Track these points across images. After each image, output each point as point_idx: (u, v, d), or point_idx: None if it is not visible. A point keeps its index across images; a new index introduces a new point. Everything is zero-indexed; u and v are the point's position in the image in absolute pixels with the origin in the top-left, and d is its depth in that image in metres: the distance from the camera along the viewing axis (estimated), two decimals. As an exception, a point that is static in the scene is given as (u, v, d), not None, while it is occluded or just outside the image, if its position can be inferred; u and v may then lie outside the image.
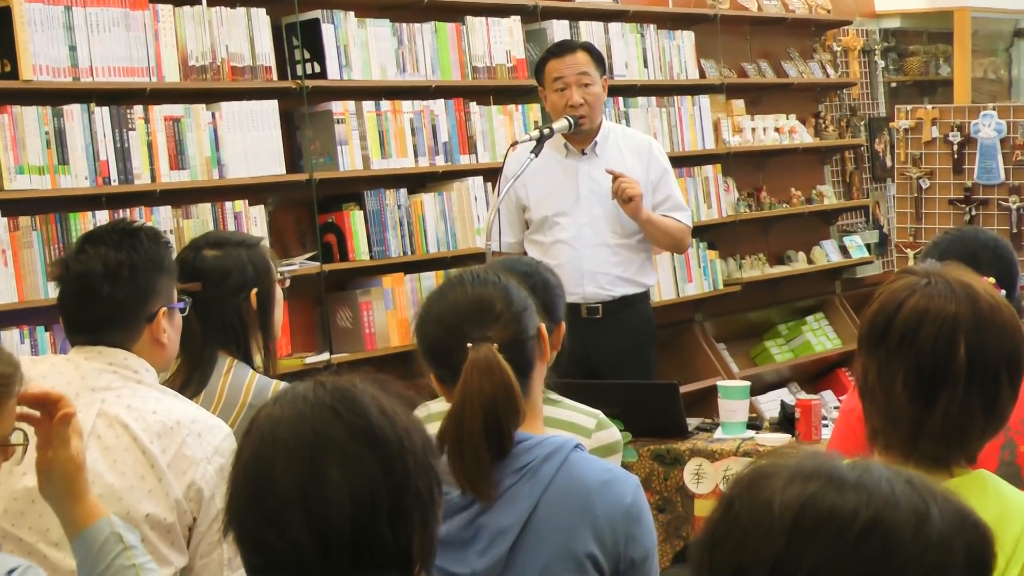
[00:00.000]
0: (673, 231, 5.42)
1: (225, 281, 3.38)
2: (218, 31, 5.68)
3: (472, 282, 2.47)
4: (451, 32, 6.56)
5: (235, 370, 3.36)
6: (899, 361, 2.19)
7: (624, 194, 5.24)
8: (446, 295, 2.47)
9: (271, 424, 1.77)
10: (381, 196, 6.19)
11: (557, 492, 2.35)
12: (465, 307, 2.43)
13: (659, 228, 5.38)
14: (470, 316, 2.41)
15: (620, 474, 2.45)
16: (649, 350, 5.51)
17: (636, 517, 2.39)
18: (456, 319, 2.42)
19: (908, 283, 2.22)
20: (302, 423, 1.75)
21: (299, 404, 1.77)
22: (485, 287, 2.46)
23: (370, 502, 1.72)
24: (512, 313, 2.44)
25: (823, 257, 8.61)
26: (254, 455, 1.77)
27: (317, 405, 1.76)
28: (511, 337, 2.41)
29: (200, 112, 5.60)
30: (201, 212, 5.55)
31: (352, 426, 1.75)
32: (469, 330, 2.39)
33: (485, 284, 2.47)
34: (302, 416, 1.76)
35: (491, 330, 2.40)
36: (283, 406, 1.78)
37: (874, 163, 9.27)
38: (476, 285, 2.46)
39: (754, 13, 8.33)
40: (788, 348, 8.38)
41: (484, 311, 2.42)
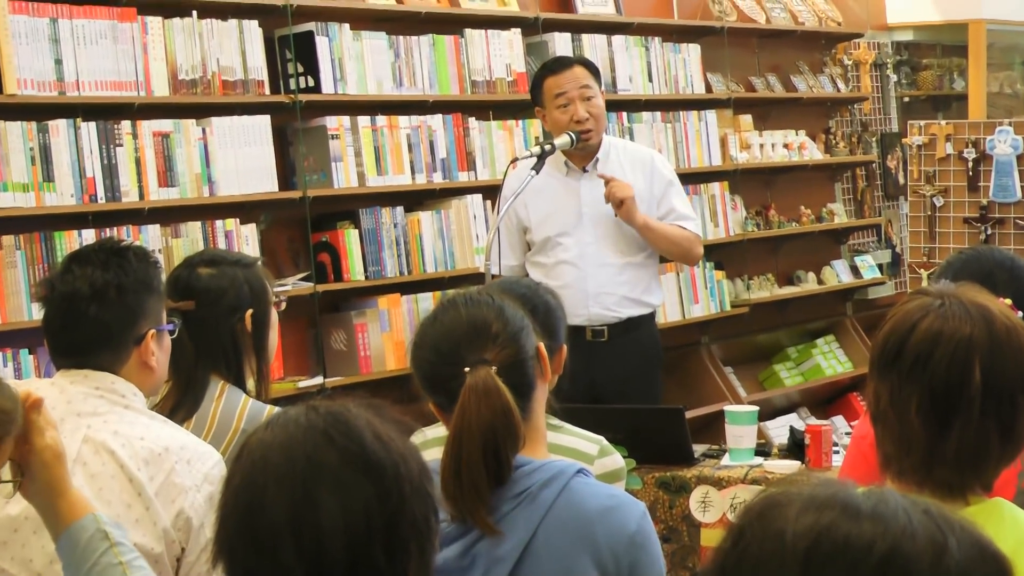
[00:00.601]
0: (677, 238, 5.41)
1: (220, 300, 3.38)
2: (209, 44, 5.69)
3: (465, 304, 2.47)
4: (449, 45, 6.57)
5: (227, 394, 3.36)
6: (912, 385, 2.19)
7: (614, 197, 5.25)
8: (439, 320, 2.47)
9: (262, 449, 1.76)
10: (377, 214, 6.20)
11: (557, 518, 2.35)
12: (460, 331, 2.43)
13: (660, 234, 5.37)
14: (465, 339, 2.41)
15: (625, 500, 2.44)
16: (655, 373, 5.51)
17: (641, 545, 2.38)
18: (451, 344, 2.41)
19: (921, 304, 2.23)
20: (294, 448, 1.74)
21: (291, 429, 1.77)
22: (479, 308, 2.46)
23: (365, 530, 1.72)
24: (509, 333, 2.43)
25: (834, 278, 8.61)
26: (244, 481, 1.76)
27: (310, 430, 1.76)
28: (509, 358, 2.41)
29: (190, 127, 5.61)
30: (191, 231, 5.56)
31: (346, 452, 1.74)
32: (465, 354, 2.39)
33: (479, 305, 2.47)
34: (294, 441, 1.75)
35: (488, 352, 2.40)
36: (274, 431, 1.78)
37: (886, 180, 9.28)
38: (470, 307, 2.46)
39: (762, 25, 8.35)
40: (798, 372, 8.38)
41: (479, 333, 2.42)
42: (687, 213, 5.48)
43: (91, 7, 5.38)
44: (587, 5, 7.37)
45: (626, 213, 5.26)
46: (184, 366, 3.29)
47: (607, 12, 7.46)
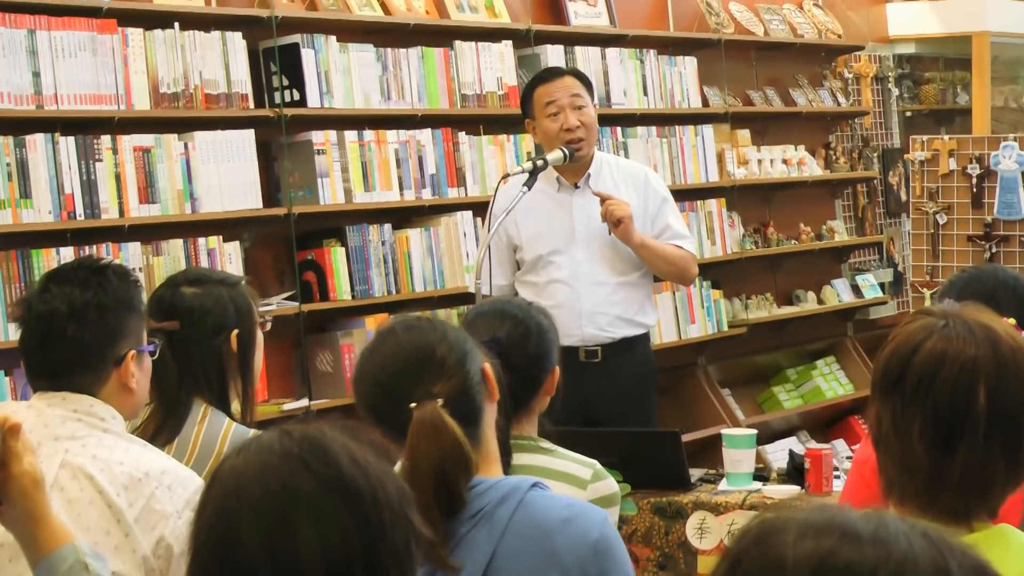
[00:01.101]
0: (674, 257, 5.42)
1: (204, 320, 3.38)
2: (191, 56, 5.70)
3: (406, 331, 2.45)
4: (439, 58, 6.58)
5: (211, 418, 3.35)
6: (915, 408, 2.19)
7: (612, 216, 5.25)
8: (379, 350, 2.45)
9: (235, 477, 1.74)
10: (364, 232, 6.20)
11: (515, 536, 2.35)
12: (402, 362, 2.41)
13: (657, 254, 5.38)
14: (408, 372, 2.40)
15: (584, 508, 2.45)
16: (651, 395, 5.51)
17: (605, 552, 2.39)
18: (393, 376, 2.40)
19: (925, 325, 2.23)
20: (269, 476, 1.72)
21: (264, 455, 1.74)
22: (421, 334, 2.44)
23: (344, 559, 1.70)
24: (455, 361, 2.42)
25: (834, 297, 8.62)
26: (218, 511, 1.73)
27: (284, 456, 1.73)
28: (457, 388, 2.40)
29: (172, 142, 5.61)
30: (172, 249, 5.55)
31: (322, 478, 1.72)
32: (410, 387, 2.37)
33: (421, 331, 2.44)
34: (268, 468, 1.73)
35: (434, 385, 2.38)
36: (247, 458, 1.75)
37: (888, 197, 9.30)
38: (411, 334, 2.44)
39: (760, 38, 8.37)
40: (797, 394, 8.38)
41: (423, 363, 2.41)
42: (682, 232, 5.49)
43: (70, 18, 5.38)
44: (580, 17, 7.39)
45: (623, 233, 5.26)
46: (166, 388, 3.29)
47: (601, 24, 7.48)
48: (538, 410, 3.26)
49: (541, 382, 3.23)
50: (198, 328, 3.37)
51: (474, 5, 6.89)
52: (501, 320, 3.21)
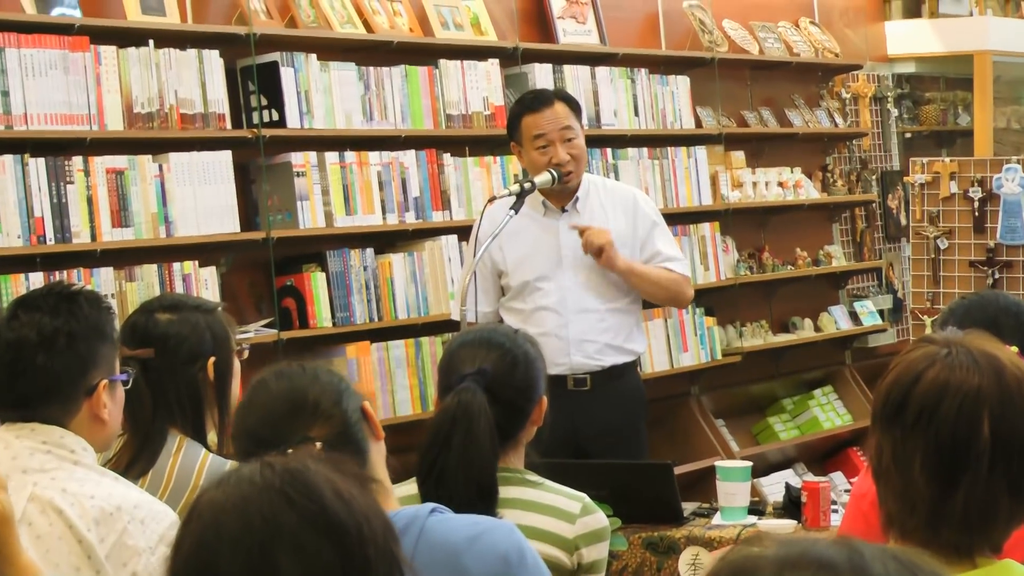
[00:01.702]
0: (664, 281, 5.42)
1: (179, 348, 3.38)
2: (166, 75, 5.70)
3: (276, 379, 2.46)
4: (423, 77, 6.59)
5: (186, 449, 3.35)
6: (917, 439, 2.19)
7: (592, 246, 5.26)
8: (252, 403, 2.46)
9: (214, 511, 1.72)
10: (345, 256, 6.20)
11: (422, 564, 2.34)
12: (276, 410, 2.42)
13: (645, 278, 5.38)
14: (282, 420, 2.40)
15: (489, 524, 2.45)
16: (641, 425, 5.51)
17: (518, 562, 2.40)
18: (269, 427, 2.40)
19: (927, 353, 2.23)
20: (249, 510, 1.71)
21: (245, 488, 1.73)
22: (292, 380, 2.45)
23: None
24: (329, 402, 2.42)
25: (832, 324, 8.63)
26: (196, 546, 1.72)
27: (266, 489, 1.72)
28: (335, 429, 2.40)
29: (146, 164, 5.61)
30: (146, 274, 5.55)
31: (305, 513, 1.70)
32: (286, 435, 2.36)
33: (290, 377, 2.46)
34: (249, 502, 1.71)
35: (310, 429, 2.38)
36: (227, 491, 1.73)
37: (887, 221, 9.31)
38: (281, 381, 2.45)
39: (755, 57, 8.39)
40: (794, 425, 8.38)
41: (297, 408, 2.41)
42: (673, 254, 5.49)
43: (40, 35, 5.38)
44: (569, 34, 7.40)
45: (607, 260, 5.28)
46: (140, 418, 3.28)
47: (590, 42, 7.49)
48: (525, 441, 3.26)
49: (528, 413, 3.24)
50: (173, 356, 3.37)
51: (459, 22, 6.90)
52: (487, 350, 3.21)
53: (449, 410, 3.08)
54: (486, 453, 3.05)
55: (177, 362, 3.37)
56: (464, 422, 3.05)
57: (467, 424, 3.05)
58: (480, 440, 3.05)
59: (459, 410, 3.07)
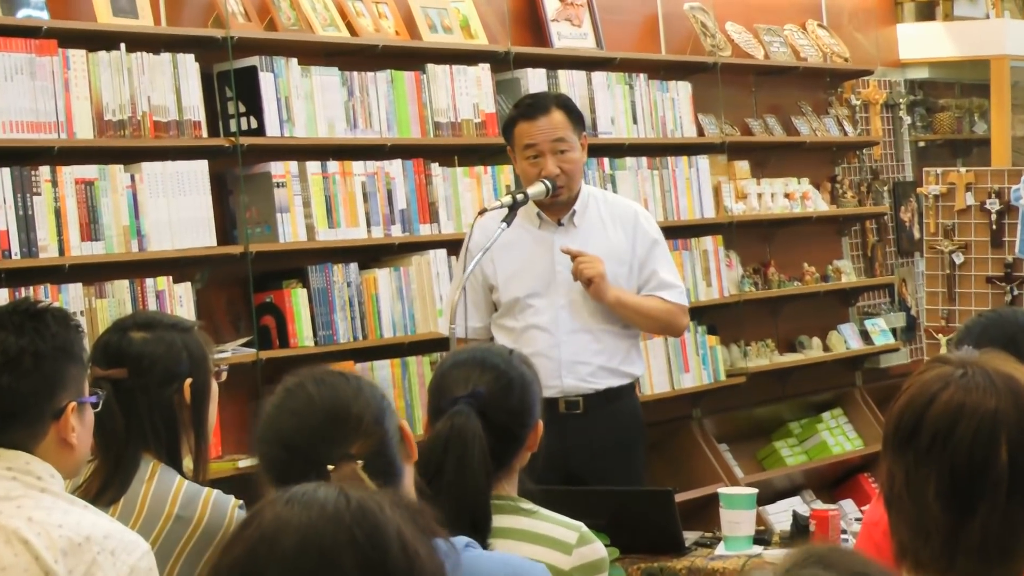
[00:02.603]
0: (656, 312, 5.40)
1: (154, 368, 3.38)
2: (139, 80, 5.70)
3: (317, 385, 2.44)
4: (409, 82, 6.60)
5: (160, 475, 3.34)
6: (931, 465, 2.19)
7: (582, 275, 5.25)
8: (287, 407, 2.43)
9: (276, 526, 1.73)
10: (328, 272, 6.20)
11: None
12: (315, 421, 2.40)
13: (636, 311, 5.36)
14: (323, 431, 2.39)
15: (523, 565, 2.44)
16: (638, 451, 5.50)
17: None
18: (306, 437, 2.38)
19: (941, 374, 2.23)
20: (310, 537, 1.71)
21: (314, 512, 1.73)
22: (335, 390, 2.43)
23: None
24: (372, 417, 2.41)
25: (841, 344, 8.63)
26: (246, 554, 1.73)
27: (334, 520, 1.72)
28: (375, 447, 2.39)
29: (117, 174, 5.61)
30: (117, 290, 5.54)
31: (365, 558, 1.70)
32: (325, 450, 2.35)
33: (333, 387, 2.43)
34: (313, 528, 1.72)
35: (352, 445, 2.37)
36: (295, 509, 1.74)
37: (900, 235, 9.33)
38: (322, 388, 2.43)
39: (760, 61, 8.41)
40: (801, 450, 8.38)
41: (339, 422, 2.40)
42: (671, 280, 5.45)
43: (6, 39, 5.38)
44: (564, 38, 7.41)
45: (595, 292, 5.27)
46: (112, 443, 3.28)
47: (586, 46, 7.50)
48: (519, 467, 3.26)
49: (524, 438, 3.23)
50: (147, 377, 3.37)
51: (448, 25, 6.91)
52: (481, 371, 3.21)
53: (441, 435, 3.08)
54: (480, 481, 3.04)
55: (151, 383, 3.37)
56: (457, 448, 3.04)
57: (460, 450, 3.04)
58: (474, 467, 3.04)
59: (452, 435, 3.06)
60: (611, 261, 5.30)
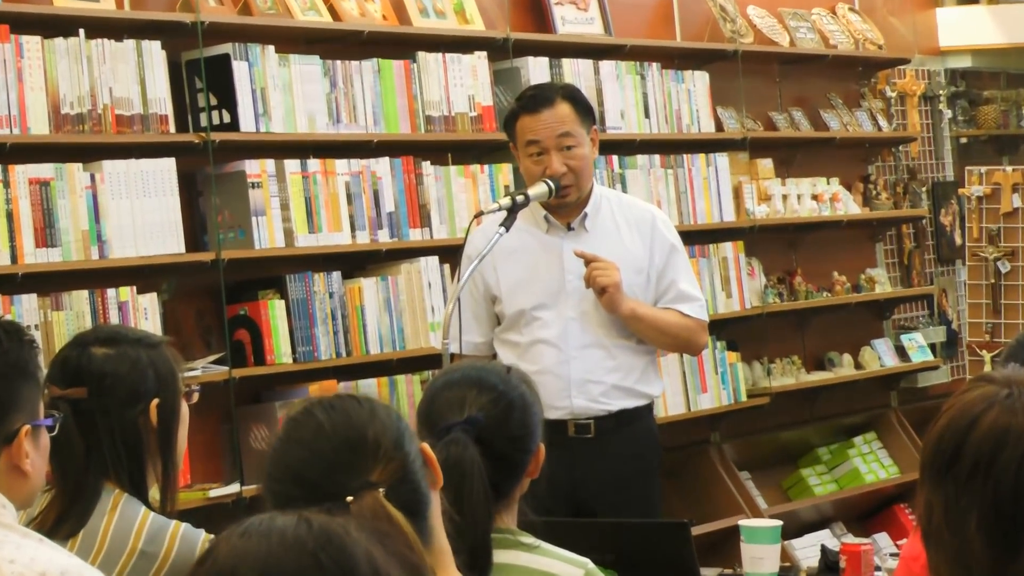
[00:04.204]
0: (673, 328, 5.39)
1: (118, 388, 3.38)
2: (100, 70, 5.71)
3: (327, 411, 2.44)
4: (398, 72, 6.60)
5: (123, 506, 3.35)
6: (973, 495, 2.20)
7: (596, 283, 5.23)
8: (295, 438, 2.42)
9: (233, 560, 1.73)
10: (308, 281, 6.20)
11: None
12: (329, 450, 2.40)
13: (652, 325, 5.35)
14: (338, 461, 2.39)
15: None
16: (653, 479, 5.51)
17: None
18: (320, 469, 2.38)
19: (984, 394, 2.24)
20: (271, 566, 1.72)
21: (274, 541, 1.74)
22: (347, 415, 2.43)
23: None
24: (391, 442, 2.41)
25: (875, 361, 8.64)
26: None
27: (296, 547, 1.73)
28: (397, 473, 2.39)
29: (76, 173, 5.61)
30: (76, 302, 5.55)
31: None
32: (343, 479, 2.36)
33: (345, 412, 2.43)
34: (274, 558, 1.73)
35: (372, 472, 2.38)
36: (254, 540, 1.75)
37: (939, 240, 9.34)
38: (333, 415, 2.43)
39: (785, 49, 8.42)
40: (831, 478, 8.39)
41: (355, 449, 2.40)
42: (691, 292, 5.44)
43: (-47, 24, 5.40)
44: (569, 23, 7.42)
45: (608, 302, 5.25)
46: (70, 469, 3.28)
47: (593, 32, 7.51)
48: (519, 496, 3.26)
49: (525, 465, 3.23)
50: (109, 397, 3.37)
51: (441, 9, 6.92)
52: (477, 392, 3.20)
53: None
54: (480, 516, 3.03)
55: (114, 404, 3.37)
56: (455, 481, 3.02)
57: (458, 483, 3.01)
58: (474, 501, 3.02)
59: (448, 467, 3.05)
60: (627, 269, 5.29)
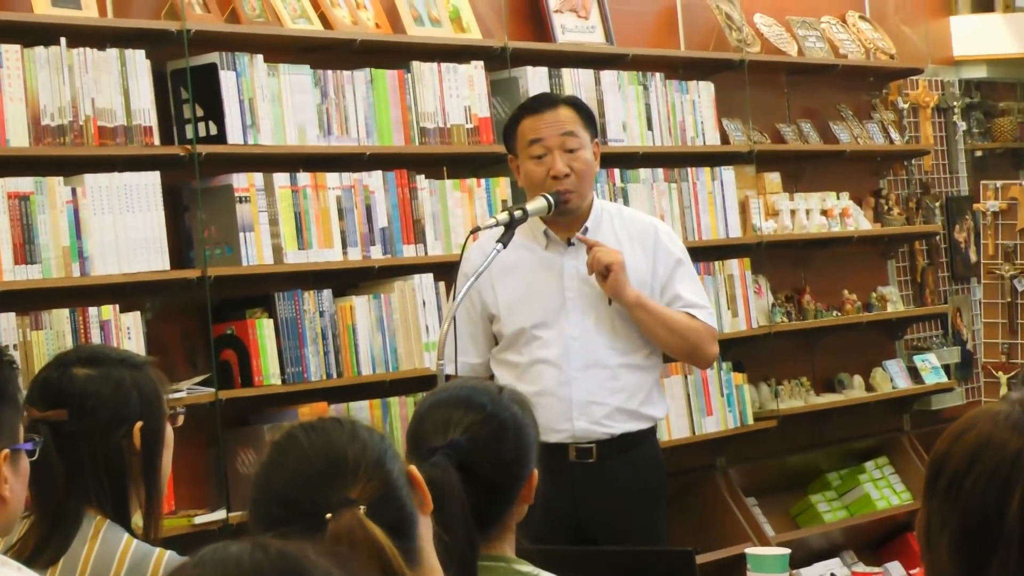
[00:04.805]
0: (681, 327, 5.37)
1: (100, 410, 3.38)
2: (82, 80, 5.72)
3: (307, 434, 2.48)
4: (392, 82, 6.61)
5: (105, 533, 3.35)
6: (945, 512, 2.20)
7: (598, 263, 5.22)
8: (277, 461, 2.46)
9: None
10: (298, 300, 6.21)
11: None
12: (310, 470, 2.43)
13: (659, 319, 5.33)
14: (319, 480, 2.42)
15: None
16: (658, 505, 5.50)
17: None
18: (299, 487, 2.42)
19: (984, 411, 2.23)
20: None
21: (228, 569, 1.75)
22: (326, 436, 2.46)
23: None
24: (372, 460, 2.43)
25: (887, 383, 8.64)
26: None
27: (253, 573, 1.74)
28: (378, 491, 2.41)
29: (56, 187, 5.62)
30: (56, 321, 5.55)
31: None
32: (322, 498, 2.38)
33: (325, 432, 2.47)
34: None
35: (351, 490, 2.40)
36: (206, 570, 1.76)
37: (954, 258, 9.34)
38: (313, 436, 2.47)
39: (793, 58, 8.43)
40: (841, 504, 8.39)
41: (335, 466, 2.43)
42: (698, 301, 5.44)
43: (-70, 32, 5.41)
44: (569, 32, 7.43)
45: (613, 284, 5.23)
46: (50, 495, 3.28)
47: (594, 41, 7.52)
48: (514, 523, 3.26)
49: (516, 492, 3.21)
50: (91, 420, 3.37)
51: (436, 17, 6.93)
52: (464, 412, 3.18)
53: None
54: (461, 544, 3.02)
55: (96, 427, 3.37)
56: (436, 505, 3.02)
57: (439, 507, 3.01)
58: (453, 529, 3.01)
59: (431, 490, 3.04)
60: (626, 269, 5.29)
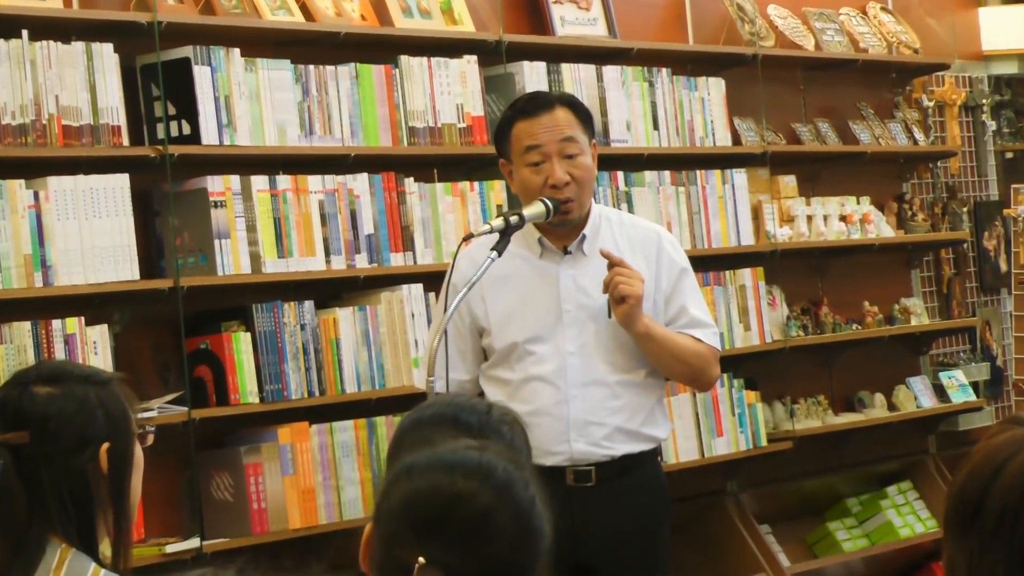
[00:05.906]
0: (688, 354, 5.39)
1: (62, 431, 3.39)
2: (45, 75, 5.72)
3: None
4: (378, 78, 6.62)
5: (71, 562, 3.36)
6: (998, 551, 2.20)
7: (617, 291, 5.22)
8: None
9: None
10: (277, 312, 6.21)
11: None
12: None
13: (666, 348, 5.35)
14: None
15: None
16: (662, 531, 5.51)
17: None
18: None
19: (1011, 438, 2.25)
20: None
21: None
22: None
23: None
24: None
25: (911, 401, 8.64)
26: None
27: None
28: None
29: (17, 191, 5.62)
30: (17, 334, 5.56)
31: None
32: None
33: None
34: None
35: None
36: None
37: (983, 267, 9.34)
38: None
39: (810, 53, 8.43)
40: (861, 532, 8.40)
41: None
42: (703, 318, 5.45)
43: None
44: (569, 24, 7.44)
45: (625, 315, 5.24)
46: (11, 523, 3.29)
47: (596, 34, 7.53)
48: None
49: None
50: (54, 442, 3.38)
51: (426, 8, 6.93)
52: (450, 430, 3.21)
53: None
54: None
55: (59, 450, 3.38)
56: None
57: None
58: None
59: None
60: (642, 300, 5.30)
